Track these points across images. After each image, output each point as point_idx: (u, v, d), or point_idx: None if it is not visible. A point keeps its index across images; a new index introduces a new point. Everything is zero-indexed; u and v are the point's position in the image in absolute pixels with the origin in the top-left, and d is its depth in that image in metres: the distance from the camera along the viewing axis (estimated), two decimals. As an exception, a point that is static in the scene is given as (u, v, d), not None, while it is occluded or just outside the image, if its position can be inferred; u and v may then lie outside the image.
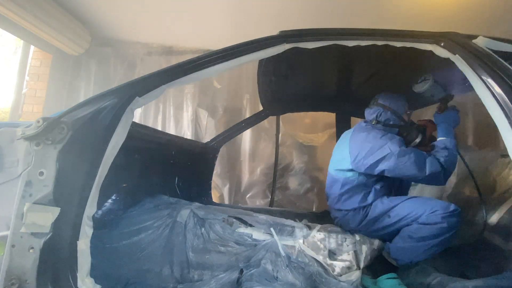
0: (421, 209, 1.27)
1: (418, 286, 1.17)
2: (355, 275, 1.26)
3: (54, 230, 0.79)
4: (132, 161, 1.61)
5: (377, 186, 1.44)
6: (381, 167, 1.30)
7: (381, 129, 1.43)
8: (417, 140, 1.44)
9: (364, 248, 1.35)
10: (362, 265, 1.30)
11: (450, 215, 1.21)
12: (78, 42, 3.24)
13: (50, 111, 3.18)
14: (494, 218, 1.31)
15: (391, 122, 1.47)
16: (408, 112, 1.52)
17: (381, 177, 1.38)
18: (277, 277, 1.22)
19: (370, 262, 1.34)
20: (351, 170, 1.43)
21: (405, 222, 1.30)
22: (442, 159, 1.23)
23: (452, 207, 1.23)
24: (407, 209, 1.31)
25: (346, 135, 1.59)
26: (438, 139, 1.35)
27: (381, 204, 1.39)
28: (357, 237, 1.39)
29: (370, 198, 1.42)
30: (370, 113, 1.53)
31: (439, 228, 1.21)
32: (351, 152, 1.42)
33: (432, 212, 1.23)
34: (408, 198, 1.37)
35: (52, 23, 2.78)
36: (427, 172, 1.22)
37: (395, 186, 1.54)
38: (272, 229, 1.37)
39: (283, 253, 1.29)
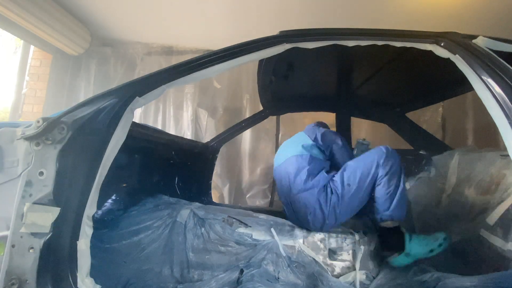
0: (368, 162, 1.33)
1: (416, 284, 1.17)
2: (352, 276, 1.27)
3: (54, 230, 0.79)
4: (132, 161, 1.61)
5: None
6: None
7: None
8: None
9: (363, 248, 1.35)
10: (358, 266, 1.30)
11: (391, 154, 1.34)
12: (78, 42, 3.25)
13: (50, 111, 3.19)
14: (493, 218, 1.31)
15: None
16: None
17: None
18: (278, 278, 1.21)
19: (365, 263, 1.32)
20: (314, 146, 1.49)
21: (365, 183, 1.32)
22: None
23: (384, 147, 1.35)
24: (358, 169, 1.34)
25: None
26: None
27: (337, 176, 1.38)
28: (357, 237, 1.39)
29: (330, 170, 1.44)
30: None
31: (396, 169, 1.32)
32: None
33: (382, 162, 1.32)
34: (348, 162, 1.41)
35: (52, 23, 2.78)
36: None
37: None
38: (272, 229, 1.37)
39: (283, 254, 1.29)
